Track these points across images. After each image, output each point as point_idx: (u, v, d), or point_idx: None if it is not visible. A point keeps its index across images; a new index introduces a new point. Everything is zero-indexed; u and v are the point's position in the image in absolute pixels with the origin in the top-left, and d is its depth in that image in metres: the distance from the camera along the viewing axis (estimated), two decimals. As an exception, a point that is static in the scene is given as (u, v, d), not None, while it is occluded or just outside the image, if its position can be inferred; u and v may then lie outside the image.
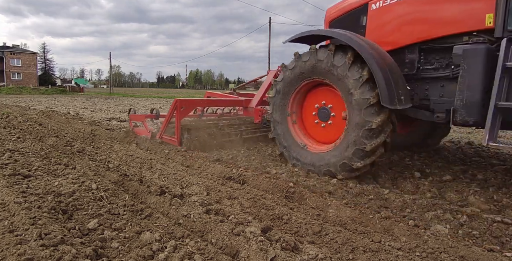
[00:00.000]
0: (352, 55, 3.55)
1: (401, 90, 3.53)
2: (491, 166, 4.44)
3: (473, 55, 3.07)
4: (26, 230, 2.02)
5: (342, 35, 3.75)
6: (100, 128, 7.08)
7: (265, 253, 1.86)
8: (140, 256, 1.89)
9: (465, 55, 3.11)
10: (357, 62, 3.53)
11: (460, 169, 4.24)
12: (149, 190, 2.98)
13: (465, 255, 2.08)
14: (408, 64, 3.85)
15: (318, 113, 4.17)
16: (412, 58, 3.83)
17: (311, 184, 3.49)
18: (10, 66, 59.14)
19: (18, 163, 3.78)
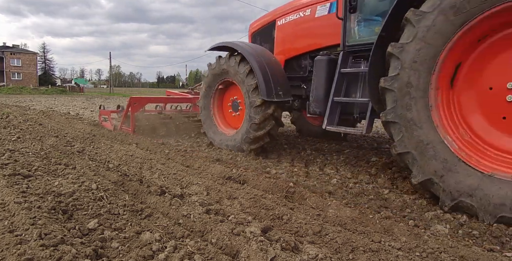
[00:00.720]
0: (239, 57, 4.74)
1: (280, 86, 4.56)
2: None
3: (319, 63, 4.13)
4: (26, 230, 2.02)
5: (233, 44, 4.94)
6: (100, 128, 7.08)
7: (265, 253, 1.86)
8: (140, 256, 1.89)
9: (315, 63, 4.19)
10: (243, 62, 4.69)
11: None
12: (149, 190, 2.98)
13: (465, 255, 2.08)
14: (303, 68, 4.88)
15: (232, 105, 5.29)
16: (305, 63, 4.86)
17: (311, 184, 3.49)
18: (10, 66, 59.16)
19: (18, 163, 3.78)
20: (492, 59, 2.66)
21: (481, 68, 2.71)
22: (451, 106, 2.84)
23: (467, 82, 2.79)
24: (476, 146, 2.72)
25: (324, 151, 5.37)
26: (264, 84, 4.44)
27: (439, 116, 2.77)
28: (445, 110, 2.81)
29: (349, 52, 3.92)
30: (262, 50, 5.02)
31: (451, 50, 2.69)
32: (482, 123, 2.74)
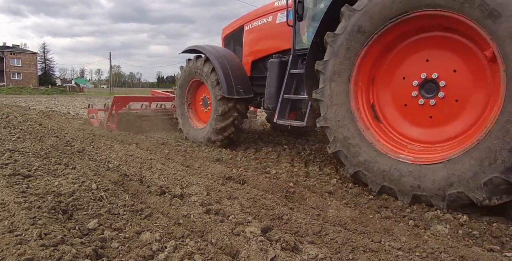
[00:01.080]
0: (205, 58, 5.40)
1: (240, 84, 5.11)
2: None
3: (272, 65, 4.71)
4: (26, 230, 2.02)
5: (200, 47, 5.60)
6: (100, 127, 7.08)
7: (265, 253, 1.86)
8: (140, 256, 1.89)
9: (269, 65, 4.77)
10: (208, 62, 5.31)
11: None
12: (149, 190, 2.98)
13: (465, 255, 2.08)
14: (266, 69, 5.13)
15: (203, 102, 5.88)
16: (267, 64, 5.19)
17: (311, 184, 3.49)
18: (10, 66, 59.16)
19: (18, 163, 3.78)
20: (400, 63, 3.26)
21: (392, 71, 3.31)
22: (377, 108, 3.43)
23: (383, 84, 3.38)
24: (391, 137, 3.29)
25: (324, 151, 5.37)
26: (225, 82, 5.05)
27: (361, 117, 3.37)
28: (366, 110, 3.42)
29: (298, 55, 4.46)
30: (225, 52, 5.63)
31: (363, 60, 3.31)
32: (396, 117, 3.32)
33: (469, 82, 2.88)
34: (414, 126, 3.20)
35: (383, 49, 3.29)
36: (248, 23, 5.69)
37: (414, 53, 3.17)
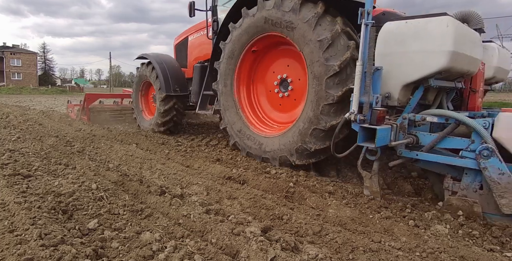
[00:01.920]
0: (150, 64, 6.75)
1: (177, 84, 6.37)
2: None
3: (196, 69, 5.89)
4: (26, 230, 2.02)
5: (147, 54, 6.99)
6: (100, 127, 7.08)
7: (265, 253, 1.86)
8: (140, 256, 1.89)
9: (194, 69, 5.96)
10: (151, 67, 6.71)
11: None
12: (149, 190, 2.98)
13: (465, 255, 2.08)
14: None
15: (152, 98, 7.14)
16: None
17: (311, 184, 3.49)
18: (10, 66, 59.14)
19: (18, 163, 3.78)
20: (266, 67, 4.64)
21: (263, 72, 4.69)
22: (251, 97, 4.79)
23: (258, 81, 4.75)
24: (260, 118, 4.70)
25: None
26: (164, 82, 6.32)
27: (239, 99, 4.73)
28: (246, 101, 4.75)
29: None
30: (167, 58, 6.93)
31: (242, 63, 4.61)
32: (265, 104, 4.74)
33: (299, 78, 4.15)
34: (274, 111, 4.64)
35: (255, 56, 4.64)
36: (191, 35, 6.79)
37: (276, 60, 4.52)
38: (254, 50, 4.47)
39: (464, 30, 3.16)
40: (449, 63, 2.90)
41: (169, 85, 6.27)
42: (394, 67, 3.13)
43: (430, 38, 2.94)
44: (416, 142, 3.00)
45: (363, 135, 2.94)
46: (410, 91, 3.23)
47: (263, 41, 4.33)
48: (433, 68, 2.95)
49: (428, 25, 2.96)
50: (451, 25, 2.86)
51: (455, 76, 3.41)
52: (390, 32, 3.16)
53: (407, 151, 3.00)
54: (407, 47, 3.05)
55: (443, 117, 2.93)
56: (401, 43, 3.09)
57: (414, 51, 3.02)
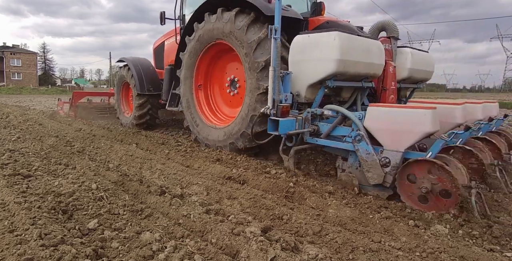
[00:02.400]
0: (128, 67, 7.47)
1: (151, 85, 7.06)
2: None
3: (166, 71, 6.47)
4: (26, 230, 2.02)
5: (124, 58, 7.68)
6: (100, 127, 7.09)
7: (265, 253, 1.86)
8: (140, 256, 1.89)
9: (165, 70, 6.54)
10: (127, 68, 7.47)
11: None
12: (149, 190, 2.98)
13: (465, 255, 2.08)
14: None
15: (131, 97, 7.76)
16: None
17: (311, 184, 3.49)
18: (10, 66, 59.12)
19: (18, 163, 3.78)
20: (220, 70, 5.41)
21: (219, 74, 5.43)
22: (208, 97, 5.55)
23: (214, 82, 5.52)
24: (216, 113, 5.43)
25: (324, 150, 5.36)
26: (139, 83, 7.02)
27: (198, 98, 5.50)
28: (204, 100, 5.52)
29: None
30: (143, 61, 7.58)
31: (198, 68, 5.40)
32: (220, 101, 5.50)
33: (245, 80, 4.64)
34: (226, 106, 5.40)
35: (209, 62, 5.39)
36: (167, 40, 7.24)
37: (227, 64, 5.27)
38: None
39: (355, 42, 3.83)
40: (338, 68, 3.64)
41: (143, 85, 7.01)
42: (301, 71, 3.91)
43: (323, 49, 3.69)
44: (318, 131, 3.73)
45: (272, 125, 3.74)
46: (315, 90, 3.96)
47: (213, 49, 5.17)
48: (325, 72, 3.70)
49: (322, 39, 3.71)
50: (337, 38, 3.60)
51: (357, 78, 4.11)
52: (298, 43, 3.92)
53: (310, 138, 3.75)
54: (308, 55, 3.82)
55: (334, 111, 3.67)
56: (304, 52, 3.86)
57: (313, 59, 3.78)
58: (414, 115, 2.99)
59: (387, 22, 4.95)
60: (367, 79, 4.28)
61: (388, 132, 3.09)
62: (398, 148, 3.02)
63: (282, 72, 3.86)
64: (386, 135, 3.11)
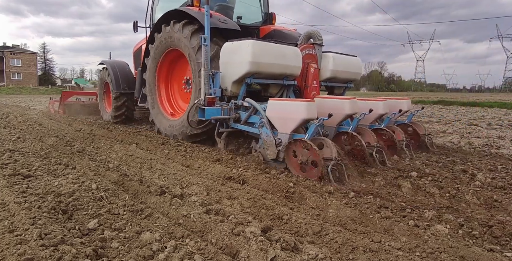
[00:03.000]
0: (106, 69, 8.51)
1: (126, 84, 7.97)
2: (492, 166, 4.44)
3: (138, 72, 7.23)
4: (26, 230, 2.02)
5: (104, 61, 8.72)
6: (100, 127, 7.09)
7: (265, 253, 1.86)
8: (140, 256, 1.89)
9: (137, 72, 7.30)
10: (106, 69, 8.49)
11: (460, 169, 4.24)
12: (149, 190, 2.98)
13: (465, 255, 2.08)
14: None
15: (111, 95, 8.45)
16: None
17: (311, 184, 3.49)
18: (10, 66, 59.11)
19: (18, 163, 3.78)
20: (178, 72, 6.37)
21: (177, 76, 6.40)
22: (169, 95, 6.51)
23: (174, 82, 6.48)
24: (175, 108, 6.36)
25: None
26: (115, 82, 7.96)
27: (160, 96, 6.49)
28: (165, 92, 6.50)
29: None
30: (120, 63, 8.54)
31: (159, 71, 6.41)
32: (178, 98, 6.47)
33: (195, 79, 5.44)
34: (182, 102, 6.31)
35: (169, 66, 6.39)
36: (143, 44, 7.61)
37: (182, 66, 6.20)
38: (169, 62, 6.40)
39: (268, 47, 4.70)
40: (251, 69, 4.53)
41: (119, 84, 7.93)
42: (227, 71, 4.84)
43: (241, 53, 4.58)
44: (239, 118, 4.65)
45: (201, 113, 4.66)
46: (239, 86, 4.83)
47: (170, 54, 6.14)
48: (243, 72, 4.60)
49: (240, 45, 4.61)
50: (250, 45, 4.48)
51: (278, 77, 5.02)
52: (225, 49, 4.86)
53: (234, 123, 4.74)
54: (232, 59, 4.74)
55: (249, 103, 4.47)
56: (229, 56, 4.78)
57: (234, 61, 4.69)
58: (294, 106, 3.90)
59: (314, 31, 5.78)
60: (288, 78, 5.15)
61: (280, 119, 4.02)
62: (286, 131, 3.92)
63: (212, 72, 4.79)
64: (279, 122, 4.03)
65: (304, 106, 3.82)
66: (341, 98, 4.74)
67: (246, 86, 4.80)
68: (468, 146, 6.15)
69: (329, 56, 5.83)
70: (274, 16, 6.97)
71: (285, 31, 6.45)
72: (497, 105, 19.85)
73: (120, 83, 7.91)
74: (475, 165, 4.52)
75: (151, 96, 6.51)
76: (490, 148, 5.94)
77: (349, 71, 6.19)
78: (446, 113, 14.61)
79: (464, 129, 8.62)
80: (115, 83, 7.90)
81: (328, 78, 5.88)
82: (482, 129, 8.78)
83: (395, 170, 4.03)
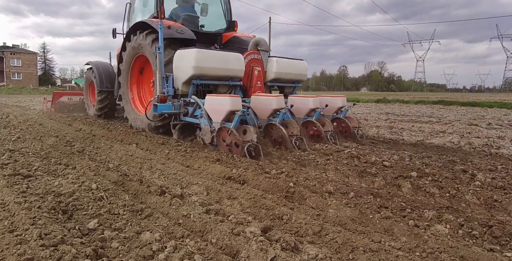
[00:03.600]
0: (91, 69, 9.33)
1: (108, 83, 8.74)
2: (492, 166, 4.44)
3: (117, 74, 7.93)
4: (26, 230, 2.02)
5: (90, 62, 9.48)
6: (100, 127, 7.09)
7: (265, 253, 1.86)
8: (140, 256, 1.89)
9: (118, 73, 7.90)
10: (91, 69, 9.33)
11: (460, 169, 4.24)
12: (149, 190, 2.98)
13: (465, 255, 2.08)
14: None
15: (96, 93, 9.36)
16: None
17: (311, 184, 3.49)
18: (10, 66, 59.09)
19: (18, 163, 3.78)
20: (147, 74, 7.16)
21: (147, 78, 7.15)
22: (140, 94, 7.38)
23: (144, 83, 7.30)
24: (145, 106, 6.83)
25: (324, 150, 5.37)
26: (99, 81, 8.73)
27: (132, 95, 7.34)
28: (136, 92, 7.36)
29: None
30: (104, 64, 9.34)
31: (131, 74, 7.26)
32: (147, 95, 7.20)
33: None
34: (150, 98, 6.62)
35: (138, 69, 7.26)
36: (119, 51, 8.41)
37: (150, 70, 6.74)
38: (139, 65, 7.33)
39: (210, 54, 5.67)
40: (195, 72, 5.49)
41: (103, 83, 8.71)
42: (178, 74, 5.76)
43: (187, 59, 5.55)
44: (188, 112, 5.67)
45: (155, 108, 5.62)
46: (188, 86, 5.74)
47: (139, 60, 7.03)
48: (188, 74, 5.55)
49: (187, 53, 5.58)
50: (194, 53, 5.45)
51: (223, 78, 5.97)
52: (177, 55, 5.78)
53: (184, 117, 5.78)
54: (181, 64, 5.69)
55: (193, 99, 5.46)
56: (180, 61, 5.73)
57: (183, 66, 5.65)
58: (222, 100, 4.89)
59: (260, 39, 6.77)
60: (233, 79, 6.08)
61: (213, 111, 5.00)
62: (218, 120, 4.91)
63: (166, 74, 5.78)
64: (212, 113, 5.02)
65: (228, 100, 4.82)
66: (270, 96, 5.64)
67: (194, 86, 5.69)
68: (468, 146, 6.15)
69: (273, 60, 6.81)
70: (236, 24, 7.92)
71: (243, 37, 7.49)
72: (497, 105, 19.84)
73: (103, 82, 8.70)
74: (475, 165, 4.51)
75: (125, 96, 7.39)
76: (490, 148, 5.94)
77: (293, 73, 7.14)
78: (446, 113, 14.61)
79: (464, 129, 8.62)
80: (99, 82, 8.68)
81: (273, 79, 6.87)
82: (482, 129, 8.78)
83: (395, 170, 4.03)
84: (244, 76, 6.28)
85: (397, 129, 8.53)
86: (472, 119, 11.58)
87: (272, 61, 6.82)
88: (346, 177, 3.90)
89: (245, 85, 6.50)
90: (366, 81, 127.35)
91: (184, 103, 5.69)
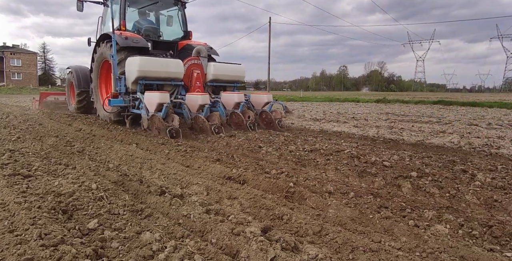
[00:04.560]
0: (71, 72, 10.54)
1: (85, 83, 9.81)
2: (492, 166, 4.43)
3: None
4: (26, 230, 2.02)
5: (70, 66, 10.74)
6: (100, 127, 7.09)
7: (265, 253, 1.86)
8: (140, 256, 1.89)
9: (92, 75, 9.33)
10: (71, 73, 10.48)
11: (460, 169, 4.24)
12: (149, 190, 2.98)
13: (465, 255, 2.08)
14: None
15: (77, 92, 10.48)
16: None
17: (311, 184, 3.49)
18: (10, 66, 59.07)
19: (18, 163, 3.78)
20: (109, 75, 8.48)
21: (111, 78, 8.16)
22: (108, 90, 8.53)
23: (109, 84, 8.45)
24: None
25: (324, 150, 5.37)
26: (77, 83, 9.92)
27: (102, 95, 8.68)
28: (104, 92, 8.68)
29: None
30: (82, 68, 10.33)
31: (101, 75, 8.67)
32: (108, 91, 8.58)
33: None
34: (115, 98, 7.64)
35: (106, 72, 8.43)
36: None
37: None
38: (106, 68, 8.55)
39: (152, 60, 7.13)
40: (139, 74, 6.91)
41: (80, 84, 9.87)
42: (128, 76, 7.12)
43: (133, 65, 6.97)
44: (135, 106, 7.10)
45: (109, 102, 7.10)
46: (136, 85, 7.07)
47: (106, 64, 8.28)
48: (135, 76, 6.94)
49: (133, 59, 7.00)
50: (138, 59, 6.89)
51: (166, 79, 7.39)
52: (128, 61, 7.12)
53: (132, 109, 7.19)
54: (130, 67, 7.07)
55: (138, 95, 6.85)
56: (129, 66, 7.08)
57: (131, 69, 7.06)
58: (153, 95, 6.42)
59: (201, 48, 8.23)
60: (174, 80, 7.50)
61: (149, 103, 6.47)
62: (151, 111, 6.41)
63: (120, 76, 7.19)
64: (149, 105, 6.48)
65: (158, 95, 6.36)
66: (197, 94, 7.13)
67: (141, 85, 7.06)
68: (468, 146, 6.15)
69: (210, 65, 8.26)
70: (191, 33, 9.53)
71: (195, 45, 8.66)
72: (497, 105, 19.83)
73: (81, 83, 9.92)
74: (475, 165, 4.51)
75: (96, 94, 8.74)
76: (490, 148, 5.94)
77: (229, 74, 8.61)
78: (446, 113, 14.61)
79: (464, 129, 8.62)
80: (77, 83, 9.91)
81: (212, 80, 8.35)
82: (482, 129, 8.78)
83: (395, 170, 4.03)
84: (185, 77, 7.77)
85: (397, 129, 8.53)
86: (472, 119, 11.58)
87: (210, 65, 8.25)
88: (346, 177, 3.91)
89: (186, 85, 7.95)
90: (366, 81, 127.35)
91: (133, 99, 7.13)
